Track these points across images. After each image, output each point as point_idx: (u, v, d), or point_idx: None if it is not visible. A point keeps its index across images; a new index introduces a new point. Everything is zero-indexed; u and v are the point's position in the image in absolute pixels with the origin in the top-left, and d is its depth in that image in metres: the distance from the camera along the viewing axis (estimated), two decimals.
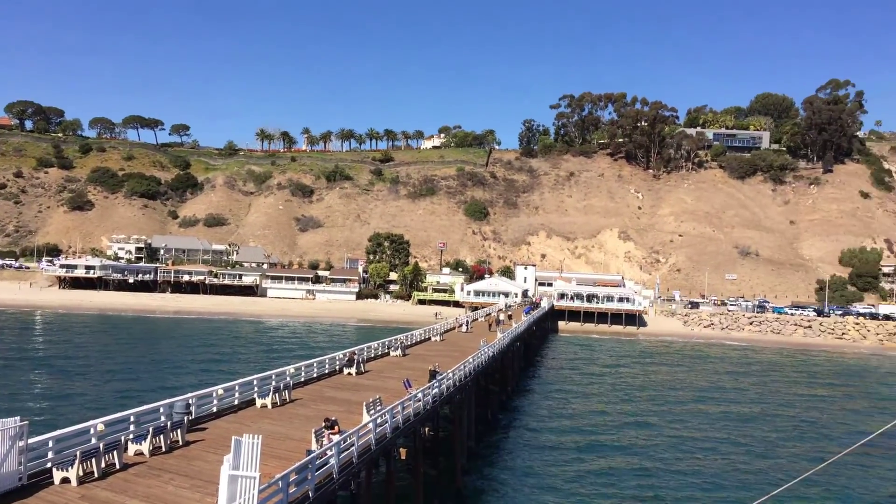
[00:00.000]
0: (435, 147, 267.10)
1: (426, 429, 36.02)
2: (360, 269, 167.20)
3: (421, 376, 39.47)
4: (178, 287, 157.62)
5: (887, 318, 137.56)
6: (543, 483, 38.80)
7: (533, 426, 52.61)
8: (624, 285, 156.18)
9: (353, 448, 22.66)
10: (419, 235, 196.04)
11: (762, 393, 73.60)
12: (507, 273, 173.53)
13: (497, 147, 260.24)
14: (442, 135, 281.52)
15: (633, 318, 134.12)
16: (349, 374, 41.19)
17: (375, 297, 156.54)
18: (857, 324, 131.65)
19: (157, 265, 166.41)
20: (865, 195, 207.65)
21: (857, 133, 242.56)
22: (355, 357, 42.57)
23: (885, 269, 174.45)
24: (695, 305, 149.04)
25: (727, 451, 48.45)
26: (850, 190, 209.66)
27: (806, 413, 63.70)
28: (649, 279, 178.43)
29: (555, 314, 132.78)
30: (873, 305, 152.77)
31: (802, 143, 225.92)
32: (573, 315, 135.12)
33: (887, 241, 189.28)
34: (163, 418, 24.15)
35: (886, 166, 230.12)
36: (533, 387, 70.31)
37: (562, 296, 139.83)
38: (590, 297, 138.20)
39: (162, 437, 22.90)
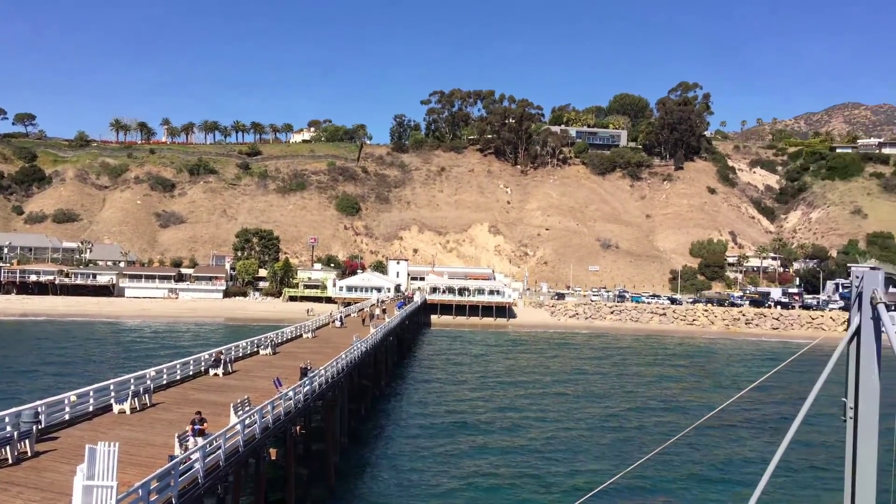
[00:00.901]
0: (305, 141, 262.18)
1: (298, 428, 35.26)
2: (228, 267, 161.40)
3: (292, 374, 38.61)
4: (25, 288, 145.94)
5: (732, 304, 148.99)
6: (419, 476, 39.01)
7: (407, 418, 52.87)
8: (494, 278, 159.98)
9: (220, 451, 21.76)
10: (289, 231, 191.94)
11: (621, 375, 77.73)
12: (380, 268, 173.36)
13: (368, 142, 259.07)
14: (312, 129, 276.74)
15: (504, 310, 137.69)
16: (216, 374, 39.60)
17: (244, 294, 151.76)
18: (706, 310, 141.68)
19: (0, 265, 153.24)
20: (712, 191, 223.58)
21: (705, 133, 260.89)
22: (222, 357, 41.00)
23: (730, 259, 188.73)
24: (561, 297, 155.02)
25: (589, 429, 50.86)
26: (699, 186, 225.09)
27: (660, 392, 67.84)
28: (518, 272, 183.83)
29: (427, 308, 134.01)
30: (719, 293, 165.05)
31: (657, 141, 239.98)
32: (445, 308, 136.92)
33: (732, 233, 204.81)
34: (8, 428, 22.19)
35: (730, 164, 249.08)
36: (407, 380, 70.66)
37: (434, 290, 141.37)
38: (461, 291, 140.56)
39: (8, 448, 21.06)
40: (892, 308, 8.62)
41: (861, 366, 8.72)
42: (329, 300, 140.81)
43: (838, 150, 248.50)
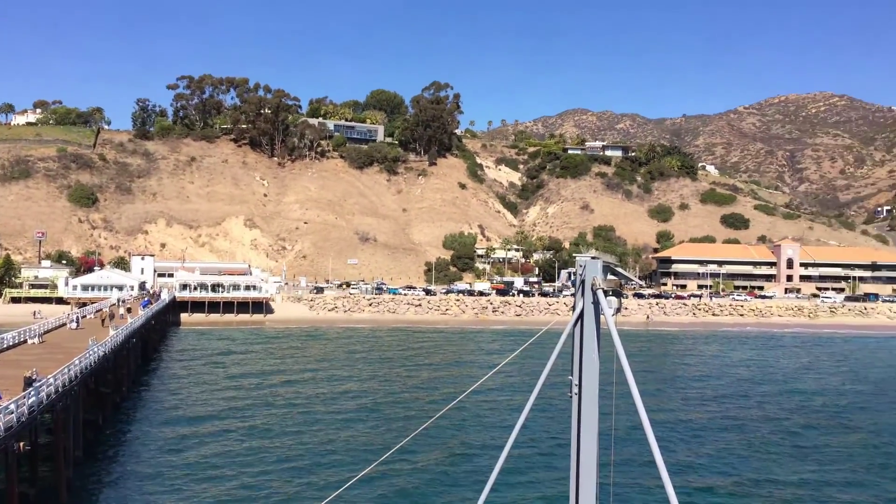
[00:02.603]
0: (30, 124, 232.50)
1: (21, 444, 31.22)
2: None
3: (14, 385, 34.05)
4: None
5: (481, 294, 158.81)
6: (163, 488, 36.51)
7: (151, 427, 49.28)
8: (251, 273, 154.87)
9: None
10: (11, 224, 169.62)
11: (377, 365, 79.34)
12: (122, 264, 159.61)
13: (106, 127, 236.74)
14: (38, 110, 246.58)
15: (261, 306, 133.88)
16: None
17: None
18: (458, 300, 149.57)
19: None
20: (463, 186, 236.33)
21: (456, 131, 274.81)
22: None
23: (479, 251, 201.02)
24: (320, 290, 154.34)
25: (345, 421, 51.19)
26: (451, 181, 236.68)
27: (416, 380, 70.34)
28: (276, 266, 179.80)
29: (177, 306, 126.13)
30: (470, 283, 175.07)
31: (412, 137, 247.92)
32: (197, 306, 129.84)
33: (480, 226, 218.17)
34: None
35: (479, 161, 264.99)
36: (153, 384, 65.92)
37: (184, 286, 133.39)
38: (215, 287, 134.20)
39: None
40: (610, 293, 9.50)
41: (584, 346, 9.51)
42: (60, 301, 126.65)
43: (570, 152, 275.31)
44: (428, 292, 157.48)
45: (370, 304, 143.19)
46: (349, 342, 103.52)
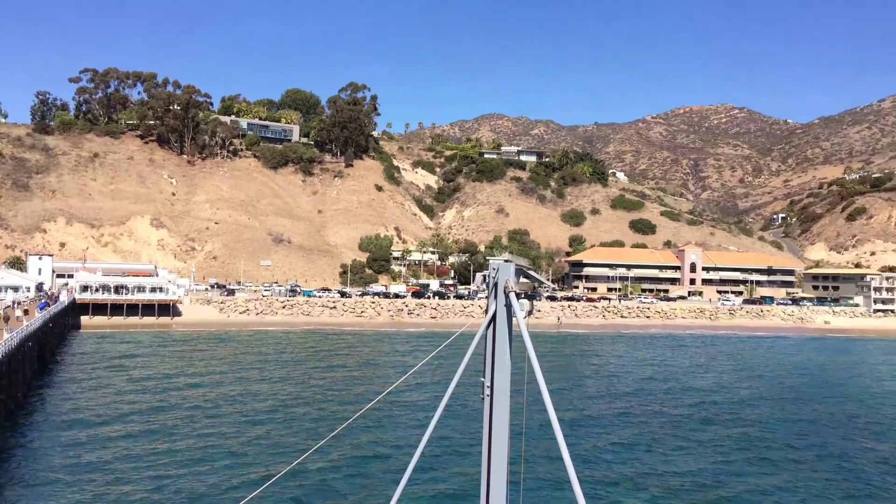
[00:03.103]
0: None
1: None
2: None
3: None
4: None
5: (397, 296, 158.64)
6: (58, 487, 34.91)
7: (47, 429, 47.06)
8: (157, 274, 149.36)
9: None
10: None
11: (289, 368, 78.06)
12: (18, 264, 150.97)
13: (3, 120, 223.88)
14: None
15: (167, 308, 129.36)
16: None
17: None
18: (374, 302, 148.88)
19: None
20: (379, 188, 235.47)
21: (373, 133, 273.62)
22: None
23: (395, 254, 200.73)
24: (231, 293, 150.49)
25: (250, 424, 50.24)
26: (368, 183, 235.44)
27: (329, 382, 69.58)
28: (185, 267, 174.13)
29: (77, 308, 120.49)
30: (385, 286, 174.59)
31: (328, 138, 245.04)
32: (99, 308, 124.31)
33: (397, 228, 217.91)
34: None
35: (396, 163, 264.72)
36: (50, 388, 62.75)
37: (85, 288, 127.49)
38: (118, 289, 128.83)
39: None
40: (522, 296, 9.73)
41: (496, 348, 9.70)
42: None
43: (486, 156, 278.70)
44: (343, 294, 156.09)
45: (283, 307, 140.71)
46: (261, 345, 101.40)
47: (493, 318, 9.74)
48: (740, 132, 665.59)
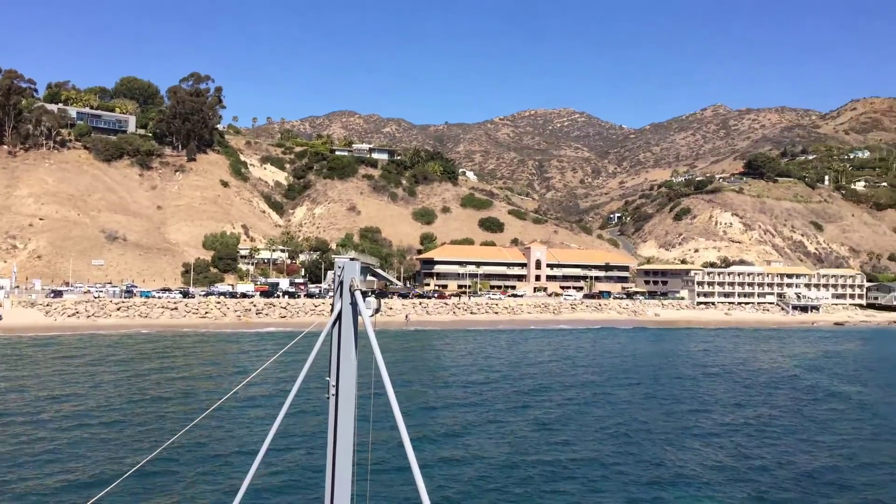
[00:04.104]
0: None
1: None
2: None
3: None
4: None
5: (244, 295, 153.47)
6: None
7: None
8: None
9: None
10: None
11: (120, 375, 73.34)
12: None
13: None
14: None
15: None
16: None
17: None
18: (219, 303, 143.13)
19: None
20: (225, 184, 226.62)
21: (218, 126, 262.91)
22: None
23: (243, 252, 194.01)
24: (58, 294, 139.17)
25: (77, 433, 46.78)
26: (213, 178, 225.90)
27: (168, 388, 66.03)
28: (5, 267, 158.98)
29: None
30: (232, 285, 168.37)
31: (168, 130, 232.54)
32: None
33: (244, 226, 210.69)
34: None
35: (243, 158, 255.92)
36: None
37: None
38: None
39: None
40: (370, 294, 9.62)
41: (342, 347, 9.51)
42: None
43: (337, 153, 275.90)
44: (186, 294, 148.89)
45: (118, 309, 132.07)
46: (92, 349, 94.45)
47: (339, 316, 9.58)
48: (581, 135, 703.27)
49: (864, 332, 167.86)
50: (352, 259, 9.77)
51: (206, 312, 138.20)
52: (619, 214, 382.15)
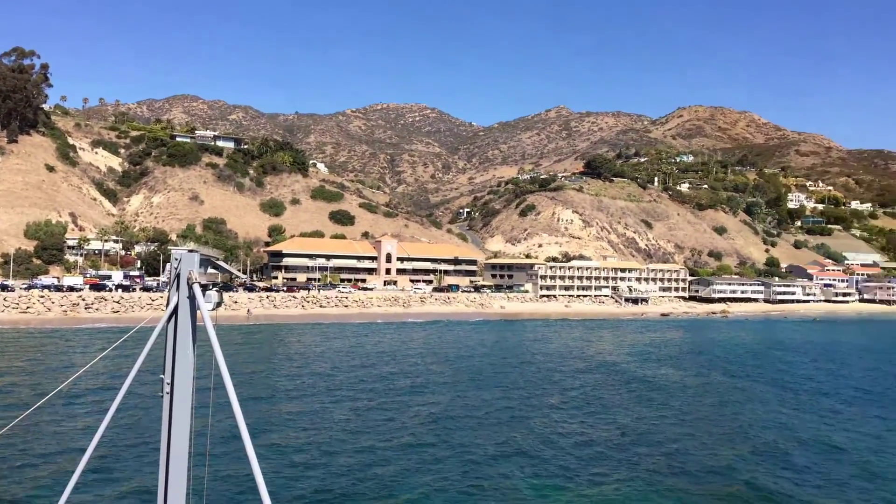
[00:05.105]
0: None
1: None
2: None
3: None
4: None
5: (72, 289, 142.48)
6: None
7: None
8: None
9: None
10: None
11: None
12: None
13: None
14: None
15: None
16: None
17: None
18: (43, 297, 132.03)
19: None
20: (51, 168, 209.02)
21: (44, 106, 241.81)
22: None
23: (70, 242, 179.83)
24: None
25: None
26: (36, 162, 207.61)
27: None
28: None
29: None
30: (58, 278, 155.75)
31: None
32: None
33: (72, 214, 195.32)
34: None
35: (72, 142, 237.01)
36: None
37: None
38: None
39: None
40: (211, 287, 9.25)
41: (178, 342, 9.09)
42: None
43: (178, 139, 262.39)
44: (4, 288, 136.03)
45: None
46: None
47: (175, 311, 9.16)
48: (432, 131, 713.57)
49: (685, 322, 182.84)
50: (190, 251, 9.35)
51: (28, 307, 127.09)
52: (468, 210, 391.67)
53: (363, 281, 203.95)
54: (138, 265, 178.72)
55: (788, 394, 73.14)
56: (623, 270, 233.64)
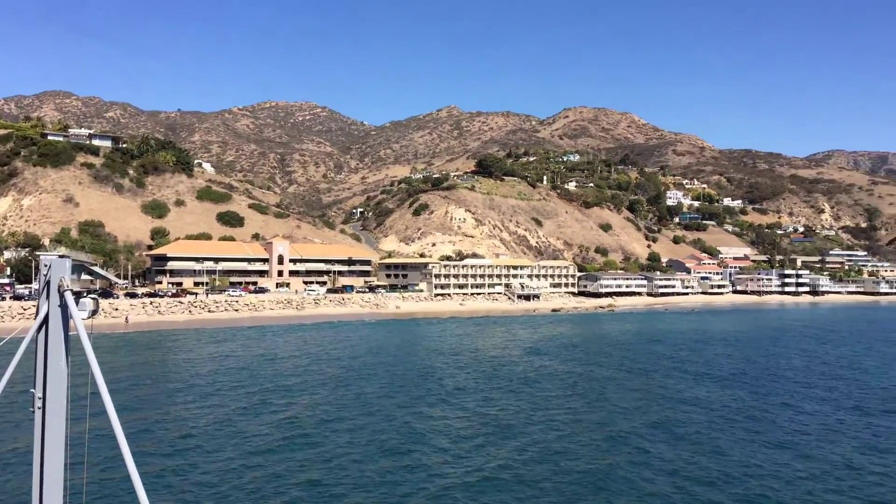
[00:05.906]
0: None
1: None
2: None
3: None
4: None
5: None
6: None
7: None
8: None
9: None
10: None
11: None
12: None
13: None
14: None
15: None
16: None
17: None
18: None
19: None
20: None
21: None
22: None
23: None
24: None
25: None
26: None
27: None
28: None
29: None
30: None
31: None
32: None
33: None
34: None
35: None
36: None
37: None
38: None
39: None
40: (86, 294, 8.82)
41: (49, 354, 8.63)
42: None
43: (50, 138, 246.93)
44: None
45: None
46: None
47: (46, 320, 8.68)
48: (323, 130, 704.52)
49: (574, 317, 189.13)
50: (61, 256, 8.87)
51: None
52: (361, 209, 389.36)
53: (255, 284, 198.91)
54: (8, 272, 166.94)
55: (643, 378, 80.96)
56: (515, 268, 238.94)
